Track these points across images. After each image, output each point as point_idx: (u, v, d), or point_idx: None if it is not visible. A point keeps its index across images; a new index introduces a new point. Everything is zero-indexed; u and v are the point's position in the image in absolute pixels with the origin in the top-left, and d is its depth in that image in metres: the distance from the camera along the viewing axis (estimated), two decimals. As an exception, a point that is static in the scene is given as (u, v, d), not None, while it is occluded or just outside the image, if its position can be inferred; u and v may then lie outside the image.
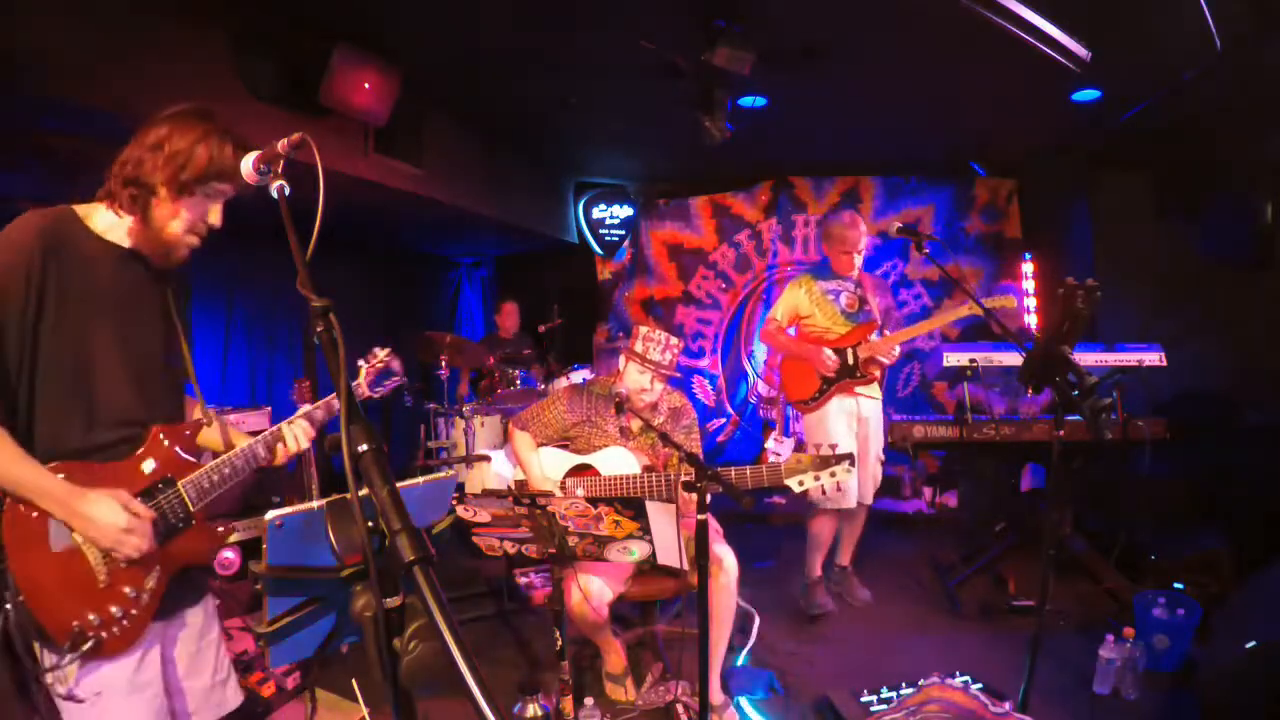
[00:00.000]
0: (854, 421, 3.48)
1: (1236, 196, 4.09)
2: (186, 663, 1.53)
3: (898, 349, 3.42)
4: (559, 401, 2.79)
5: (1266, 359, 3.99)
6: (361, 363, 1.88)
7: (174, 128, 1.39)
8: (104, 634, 1.32)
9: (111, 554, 1.34)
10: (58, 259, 1.33)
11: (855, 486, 3.37)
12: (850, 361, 3.43)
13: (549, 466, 2.73)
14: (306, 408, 1.70)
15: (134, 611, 1.36)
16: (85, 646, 1.29)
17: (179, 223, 1.42)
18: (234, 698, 1.62)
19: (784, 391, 3.70)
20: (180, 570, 1.46)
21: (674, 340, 2.65)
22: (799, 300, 3.59)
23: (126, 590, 1.36)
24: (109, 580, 1.34)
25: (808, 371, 3.50)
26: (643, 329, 2.67)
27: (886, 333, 3.51)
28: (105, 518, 1.31)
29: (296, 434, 1.64)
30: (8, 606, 1.26)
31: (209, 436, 1.65)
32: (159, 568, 1.41)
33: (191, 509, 1.47)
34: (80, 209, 1.43)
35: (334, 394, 1.72)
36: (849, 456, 2.26)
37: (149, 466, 1.44)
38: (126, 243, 1.44)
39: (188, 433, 1.53)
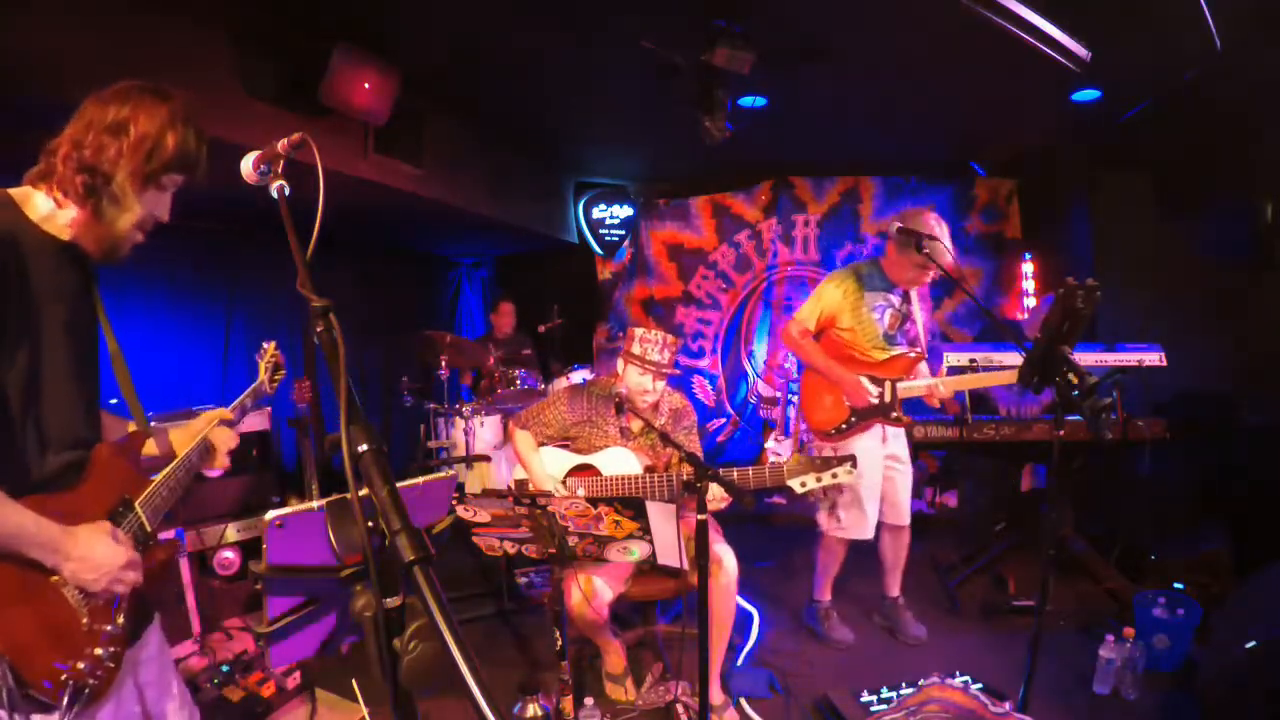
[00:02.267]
0: (876, 451, 3.08)
1: (1236, 196, 4.09)
2: (156, 687, 1.45)
3: (949, 393, 2.97)
4: (559, 402, 2.79)
5: (1266, 359, 3.99)
6: (257, 358, 1.84)
7: (137, 108, 1.25)
8: (91, 680, 1.20)
9: (100, 594, 1.21)
10: (13, 258, 1.16)
11: (873, 514, 3.06)
12: (888, 399, 2.98)
13: (550, 466, 2.73)
14: (221, 410, 1.60)
15: (114, 649, 1.24)
16: (83, 697, 1.17)
17: (131, 218, 1.27)
18: (194, 716, 1.55)
19: (802, 413, 3.23)
20: (136, 591, 1.34)
21: (670, 338, 2.64)
22: (837, 304, 3.07)
23: (107, 628, 1.24)
24: (89, 621, 1.21)
25: (834, 396, 3.06)
26: (638, 330, 2.66)
27: (924, 368, 3.12)
28: (104, 555, 1.20)
29: (222, 436, 1.53)
30: None
31: (149, 448, 1.53)
32: (126, 595, 1.28)
33: (149, 529, 1.34)
34: (15, 193, 1.24)
35: (251, 386, 1.73)
36: (850, 458, 2.25)
37: (104, 490, 1.30)
38: (66, 235, 1.26)
39: (133, 448, 1.41)
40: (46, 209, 1.25)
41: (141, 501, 1.35)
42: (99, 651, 1.22)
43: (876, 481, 3.08)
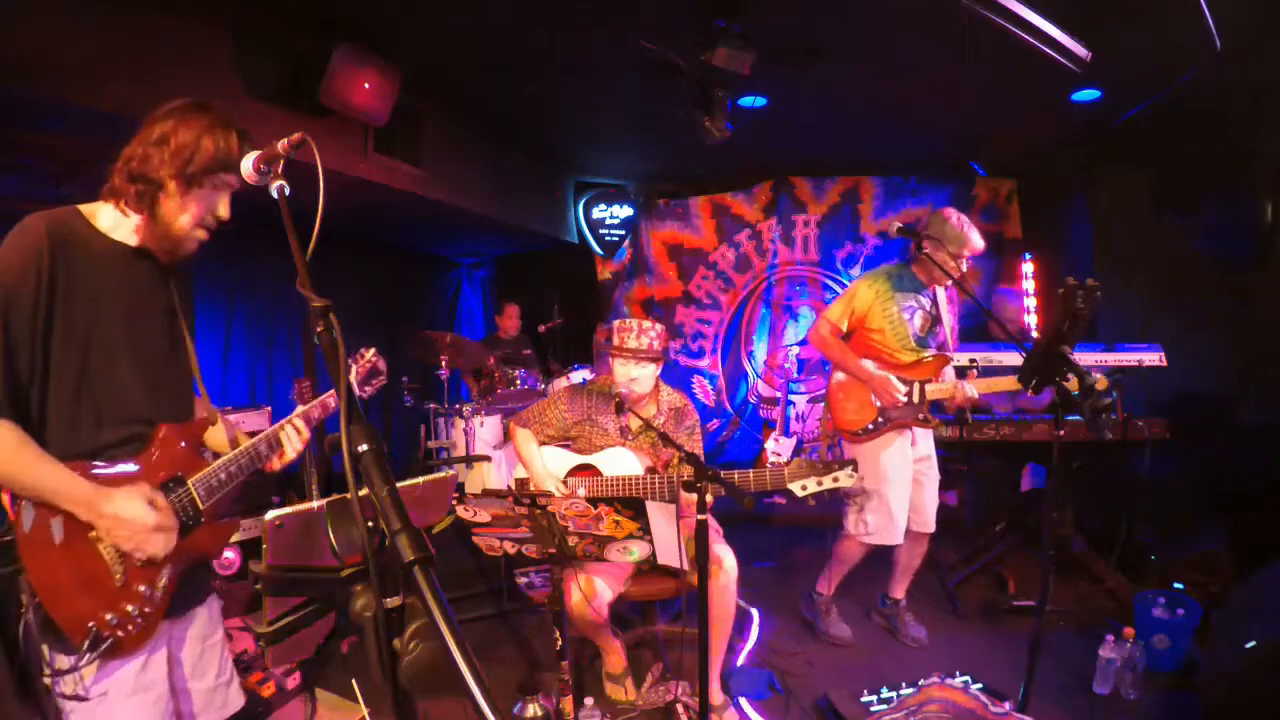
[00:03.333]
0: (905, 453, 3.05)
1: (1236, 196, 4.09)
2: (191, 664, 1.52)
3: (975, 394, 2.92)
4: (560, 401, 2.79)
5: (1266, 359, 3.99)
6: (351, 362, 1.87)
7: (178, 121, 1.38)
8: (119, 633, 1.32)
9: (133, 554, 1.33)
10: (66, 260, 1.33)
11: (902, 519, 3.02)
12: (915, 400, 2.97)
13: (551, 465, 2.73)
14: (302, 408, 1.69)
15: (148, 610, 1.36)
16: (103, 646, 1.29)
17: (187, 217, 1.41)
18: (236, 699, 1.62)
19: (829, 412, 3.19)
20: (189, 568, 1.46)
21: (647, 324, 2.61)
22: (868, 304, 3.04)
23: (141, 588, 1.35)
24: (124, 579, 1.33)
25: (861, 397, 3.05)
26: (616, 322, 2.67)
27: (950, 372, 3.09)
28: (135, 515, 1.30)
29: (290, 435, 1.63)
30: (24, 610, 1.26)
31: (214, 436, 1.65)
32: (170, 565, 1.40)
33: (201, 507, 1.46)
34: (85, 208, 1.41)
35: (329, 393, 1.74)
36: (851, 462, 2.24)
37: (159, 465, 1.43)
38: (134, 240, 1.43)
39: (194, 431, 1.52)
40: (112, 220, 1.42)
41: (196, 480, 1.46)
42: (129, 608, 1.33)
43: (907, 486, 3.03)
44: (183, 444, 1.47)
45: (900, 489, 3.02)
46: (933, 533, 3.16)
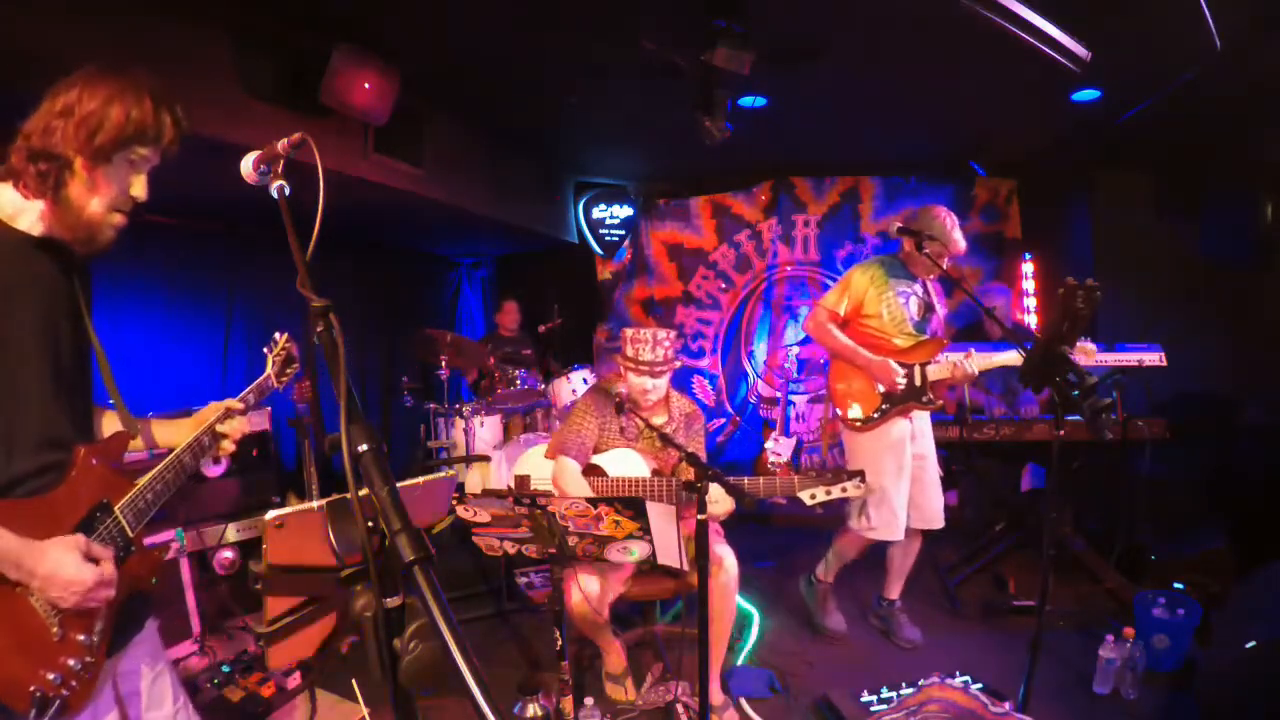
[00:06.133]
0: (906, 447, 3.05)
1: (1236, 196, 4.09)
2: (146, 693, 1.40)
3: (975, 370, 2.93)
4: (587, 412, 2.72)
5: (1266, 359, 4.00)
6: (266, 351, 1.76)
7: (84, 88, 1.21)
8: (64, 691, 1.16)
9: (68, 609, 1.17)
10: None
11: (903, 515, 3.02)
12: (918, 383, 2.99)
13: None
14: (229, 400, 1.55)
15: (89, 659, 1.20)
16: (51, 710, 1.13)
17: (98, 200, 1.23)
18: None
19: (835, 402, 3.17)
20: (124, 601, 1.29)
21: (661, 334, 2.59)
22: (865, 291, 3.06)
23: (80, 638, 1.19)
24: (61, 632, 1.17)
25: (864, 384, 3.04)
26: (628, 331, 2.64)
27: (949, 353, 3.05)
28: (72, 575, 1.14)
29: (234, 424, 1.50)
30: None
31: (167, 436, 1.51)
32: (107, 605, 1.24)
33: (130, 534, 1.30)
34: None
35: (259, 379, 1.67)
36: (860, 473, 2.25)
37: (81, 494, 1.25)
38: (38, 229, 1.23)
39: (114, 449, 1.35)
40: (14, 206, 1.22)
41: (122, 505, 1.30)
42: (71, 662, 1.17)
43: (908, 481, 3.03)
44: (103, 466, 1.29)
45: (902, 485, 3.02)
46: (931, 530, 3.14)
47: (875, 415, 3.03)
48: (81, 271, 1.34)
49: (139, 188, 1.28)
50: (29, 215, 1.23)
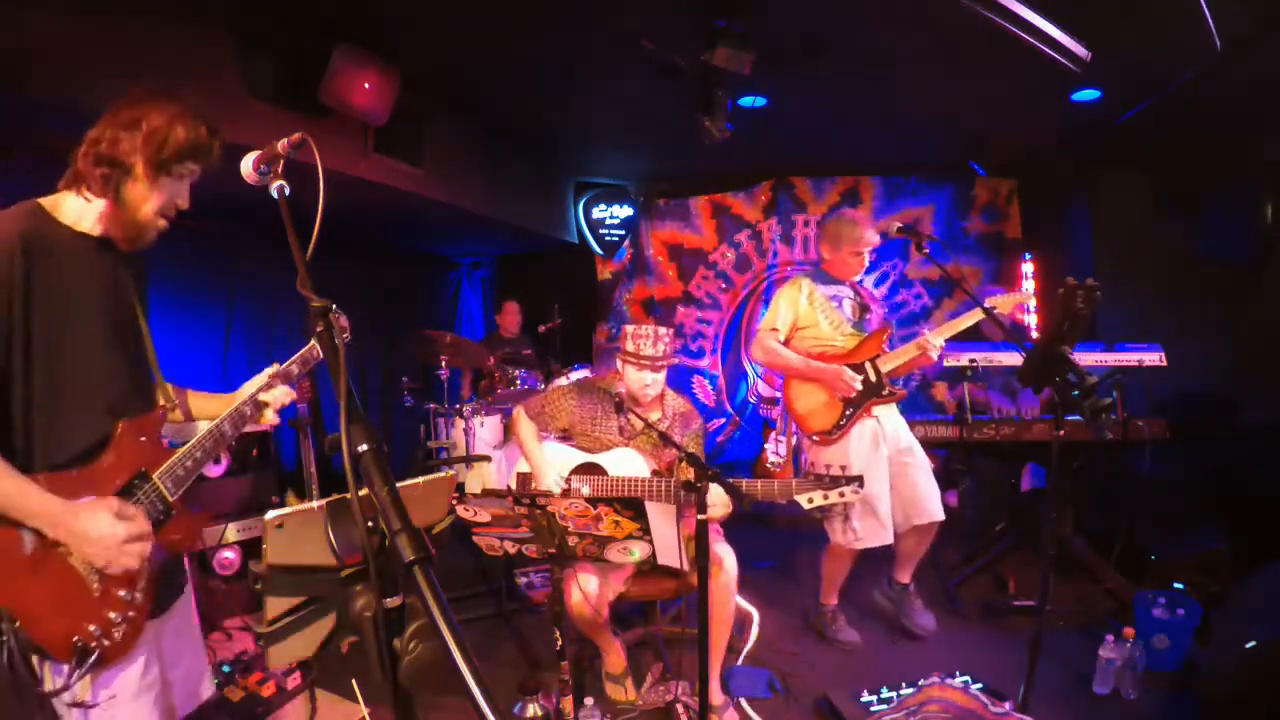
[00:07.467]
0: (880, 442, 3.03)
1: (1236, 196, 4.09)
2: (171, 655, 1.50)
3: (941, 342, 2.95)
4: (569, 395, 2.79)
5: (1266, 359, 3.99)
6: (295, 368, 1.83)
7: (149, 106, 1.36)
8: (105, 642, 1.28)
9: (107, 569, 1.29)
10: (39, 262, 1.28)
11: (888, 518, 2.98)
12: (873, 379, 3.01)
13: (556, 463, 2.72)
14: (276, 367, 1.71)
15: (130, 614, 1.33)
16: (91, 660, 1.25)
17: (152, 204, 1.38)
18: (207, 690, 1.62)
19: (797, 422, 3.18)
20: (165, 562, 1.44)
21: (662, 330, 2.65)
22: (799, 305, 3.12)
23: (121, 594, 1.32)
24: (101, 587, 1.29)
25: (822, 395, 3.05)
26: (629, 328, 2.68)
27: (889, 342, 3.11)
28: (103, 532, 1.26)
29: (277, 393, 1.66)
30: (4, 636, 1.20)
31: (203, 408, 1.66)
32: (148, 564, 1.37)
33: (170, 500, 1.43)
34: (45, 202, 1.37)
35: (303, 349, 1.78)
36: (858, 478, 2.25)
37: (121, 464, 1.38)
38: (97, 230, 1.39)
39: (153, 422, 1.48)
40: (76, 210, 1.37)
41: (161, 473, 1.42)
42: (112, 615, 1.30)
43: (886, 483, 3.01)
44: (142, 438, 1.42)
45: (880, 487, 2.98)
46: (942, 520, 3.10)
47: (842, 423, 3.02)
48: (136, 265, 1.52)
49: (184, 198, 1.44)
50: (90, 217, 1.38)
